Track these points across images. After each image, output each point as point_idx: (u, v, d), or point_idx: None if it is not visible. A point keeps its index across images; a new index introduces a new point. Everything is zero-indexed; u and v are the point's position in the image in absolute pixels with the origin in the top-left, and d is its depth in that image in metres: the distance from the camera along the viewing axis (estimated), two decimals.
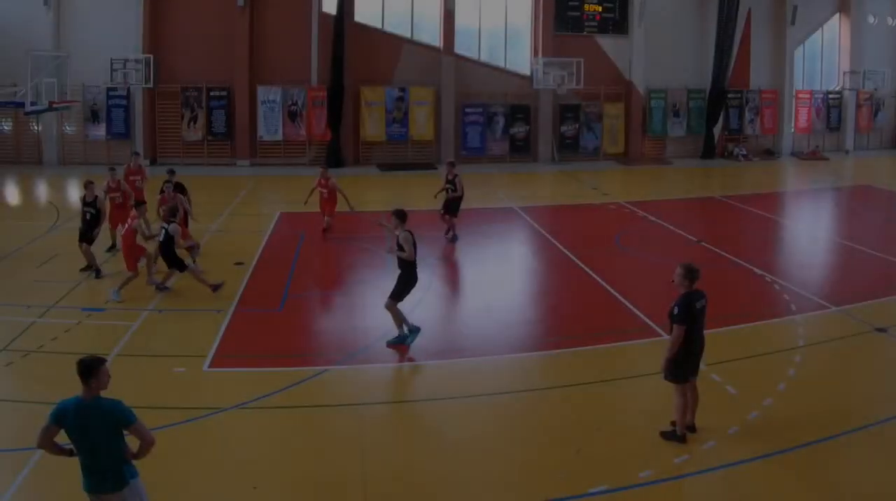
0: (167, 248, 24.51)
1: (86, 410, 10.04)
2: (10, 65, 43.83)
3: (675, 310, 14.50)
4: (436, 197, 32.71)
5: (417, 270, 20.20)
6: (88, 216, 26.74)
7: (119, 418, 10.05)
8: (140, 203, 28.15)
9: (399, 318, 19.93)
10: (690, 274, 14.71)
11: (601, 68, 57.54)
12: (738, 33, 58.92)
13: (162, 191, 28.90)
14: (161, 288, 24.62)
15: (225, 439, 15.31)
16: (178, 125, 53.58)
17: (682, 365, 14.70)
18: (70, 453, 10.36)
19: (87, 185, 27.29)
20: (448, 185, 31.52)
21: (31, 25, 50.12)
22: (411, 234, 19.87)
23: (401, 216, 20.23)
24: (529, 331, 21.87)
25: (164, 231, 24.47)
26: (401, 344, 19.79)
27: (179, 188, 29.17)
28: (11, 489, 13.32)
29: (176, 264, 24.72)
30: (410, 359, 19.70)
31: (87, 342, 20.33)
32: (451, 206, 31.40)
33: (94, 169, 47.05)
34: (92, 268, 26.59)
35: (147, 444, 10.20)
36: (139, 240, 24.99)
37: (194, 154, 53.02)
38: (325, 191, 31.53)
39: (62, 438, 10.38)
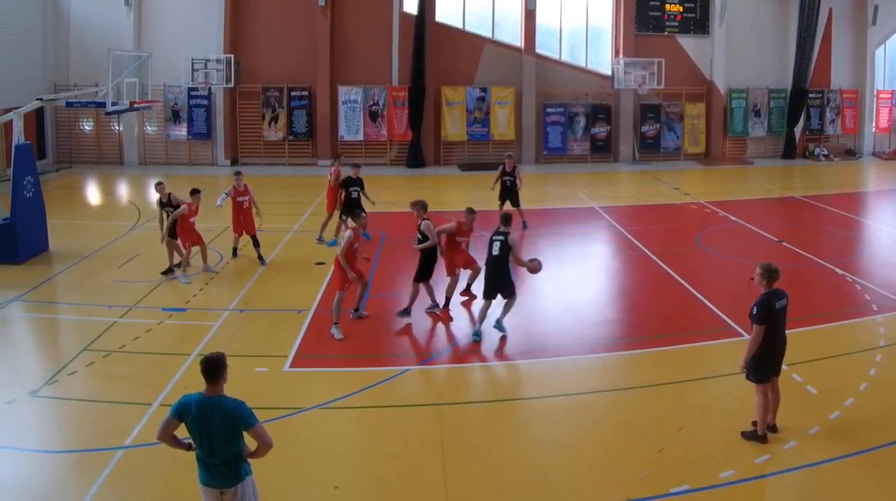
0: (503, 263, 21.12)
1: (208, 406, 10.31)
2: (91, 64, 44.46)
3: (754, 310, 14.56)
4: (493, 188, 32.99)
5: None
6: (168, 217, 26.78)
7: (239, 418, 10.33)
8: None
9: (414, 298, 22.51)
10: (770, 273, 14.74)
11: (682, 68, 57.25)
12: (819, 33, 58.29)
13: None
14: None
15: (306, 439, 15.59)
16: (258, 125, 54.13)
17: (764, 365, 14.74)
18: (188, 447, 10.60)
19: (158, 186, 27.37)
20: (507, 177, 32.34)
21: (113, 25, 51.19)
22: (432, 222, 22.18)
23: (422, 206, 22.44)
24: (610, 331, 21.86)
25: (499, 242, 21.05)
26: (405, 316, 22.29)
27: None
28: (93, 489, 13.52)
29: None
30: (491, 359, 19.84)
31: (169, 342, 20.84)
32: (514, 199, 32.30)
33: (175, 169, 47.74)
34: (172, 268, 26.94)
35: (265, 447, 10.52)
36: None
37: (275, 154, 53.53)
38: (464, 241, 24.19)
39: (182, 432, 10.58)
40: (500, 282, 21.17)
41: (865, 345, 20.31)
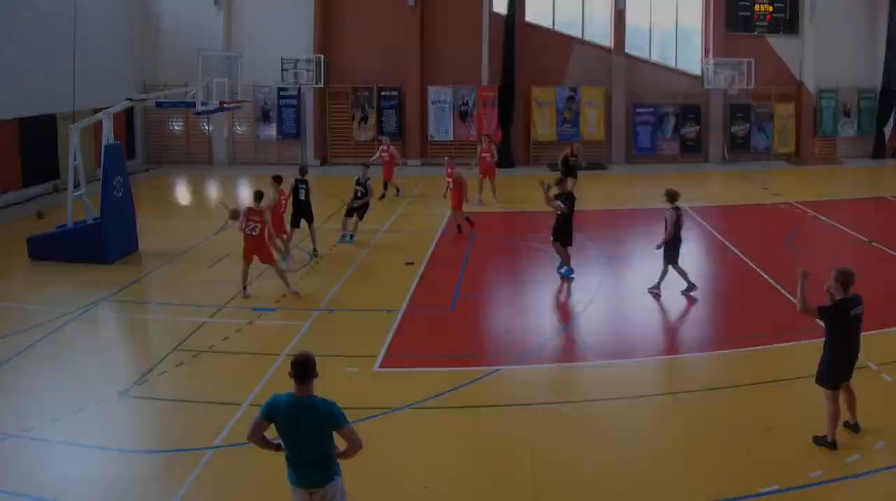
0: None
1: (299, 406, 10.35)
2: (180, 65, 44.93)
3: (828, 306, 14.69)
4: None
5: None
6: (359, 194, 30.17)
7: (330, 419, 10.34)
8: None
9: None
10: (845, 278, 14.72)
11: (772, 68, 56.55)
12: None
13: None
14: None
15: (396, 439, 15.72)
16: (348, 125, 54.43)
17: (836, 371, 14.81)
18: (278, 448, 10.66)
19: (362, 168, 31.20)
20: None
21: (202, 25, 51.81)
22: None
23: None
24: (699, 331, 21.97)
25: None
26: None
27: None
28: (182, 489, 13.72)
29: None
30: (580, 360, 19.94)
31: (259, 342, 21.01)
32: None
33: (264, 169, 47.73)
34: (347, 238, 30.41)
35: (355, 448, 10.50)
36: None
37: (365, 154, 53.11)
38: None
39: (272, 433, 10.68)
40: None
41: None
